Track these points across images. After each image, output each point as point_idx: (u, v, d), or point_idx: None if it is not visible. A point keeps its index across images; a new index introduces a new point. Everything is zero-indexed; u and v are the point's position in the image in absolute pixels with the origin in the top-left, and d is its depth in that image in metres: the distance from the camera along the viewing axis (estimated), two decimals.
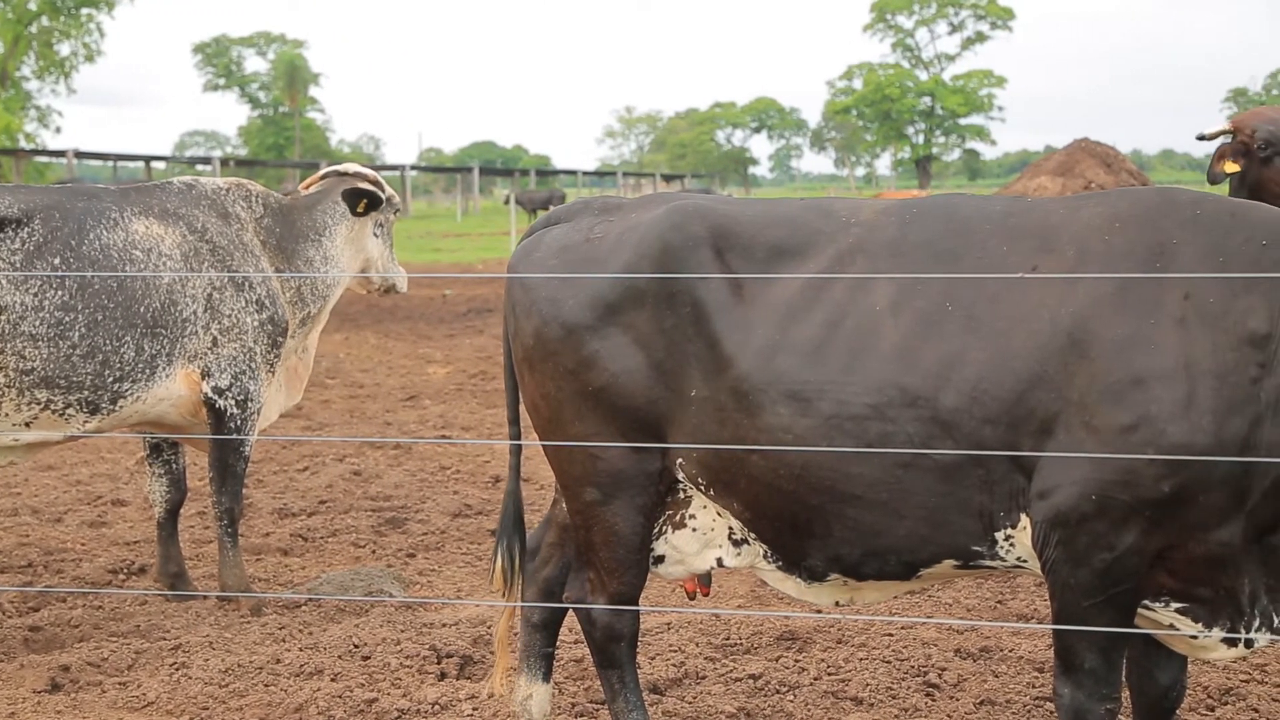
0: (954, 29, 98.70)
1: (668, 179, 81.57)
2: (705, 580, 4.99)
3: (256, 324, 6.60)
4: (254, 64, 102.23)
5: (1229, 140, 6.46)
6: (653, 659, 5.67)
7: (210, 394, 6.49)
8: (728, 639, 5.95)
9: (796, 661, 5.67)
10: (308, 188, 7.35)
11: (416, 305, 21.74)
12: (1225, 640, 3.87)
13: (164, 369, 6.34)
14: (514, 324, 4.46)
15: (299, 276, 6.93)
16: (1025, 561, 3.99)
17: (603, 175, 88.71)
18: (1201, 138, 6.74)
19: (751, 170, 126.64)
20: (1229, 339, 3.69)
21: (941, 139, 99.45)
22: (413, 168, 74.09)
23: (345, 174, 7.37)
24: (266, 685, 5.45)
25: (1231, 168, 6.42)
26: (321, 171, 7.51)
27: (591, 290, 4.26)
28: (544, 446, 4.46)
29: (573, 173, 79.67)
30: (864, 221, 4.21)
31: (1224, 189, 6.32)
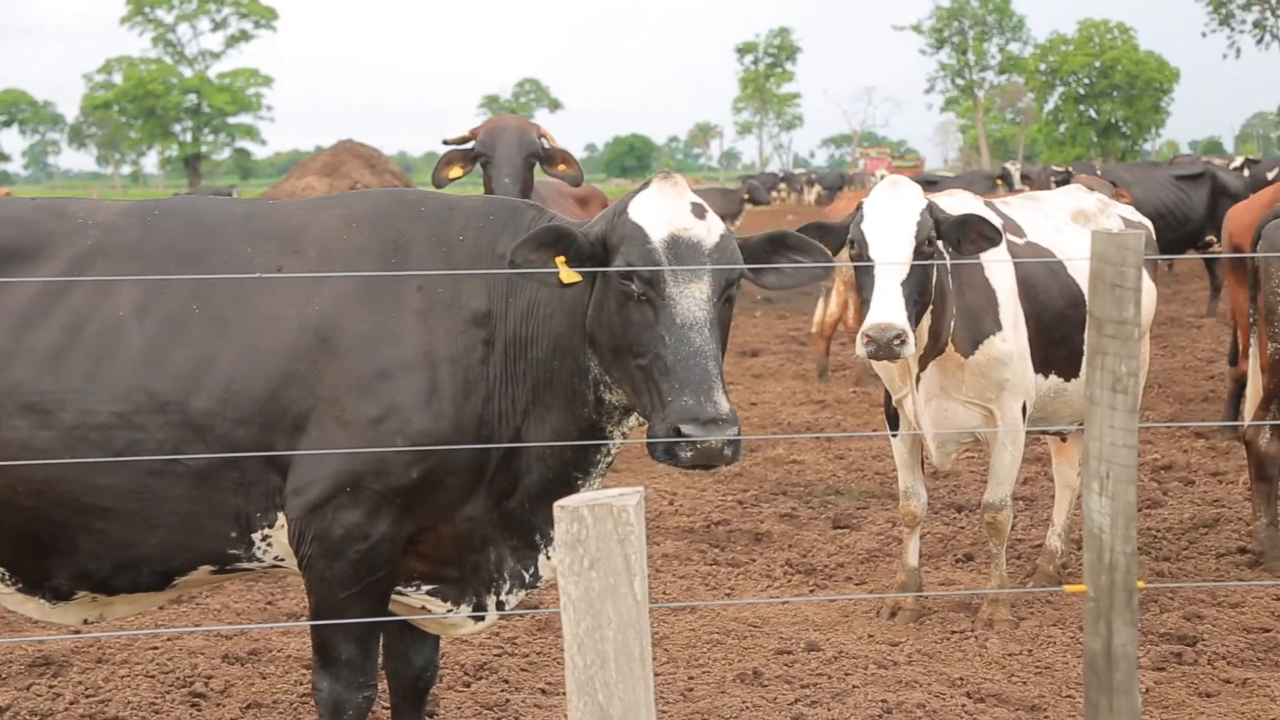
0: (217, 26, 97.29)
1: None
2: None
3: None
4: None
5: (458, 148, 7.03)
6: None
7: None
8: None
9: (51, 688, 5.35)
10: None
11: None
12: (473, 616, 4.11)
13: None
14: None
15: None
16: (283, 560, 4.03)
17: None
18: (446, 143, 7.20)
19: (4, 168, 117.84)
20: (459, 323, 3.93)
21: (210, 137, 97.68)
22: None
23: None
24: None
25: (456, 173, 6.94)
26: None
27: None
28: None
29: None
30: (102, 223, 4.06)
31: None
